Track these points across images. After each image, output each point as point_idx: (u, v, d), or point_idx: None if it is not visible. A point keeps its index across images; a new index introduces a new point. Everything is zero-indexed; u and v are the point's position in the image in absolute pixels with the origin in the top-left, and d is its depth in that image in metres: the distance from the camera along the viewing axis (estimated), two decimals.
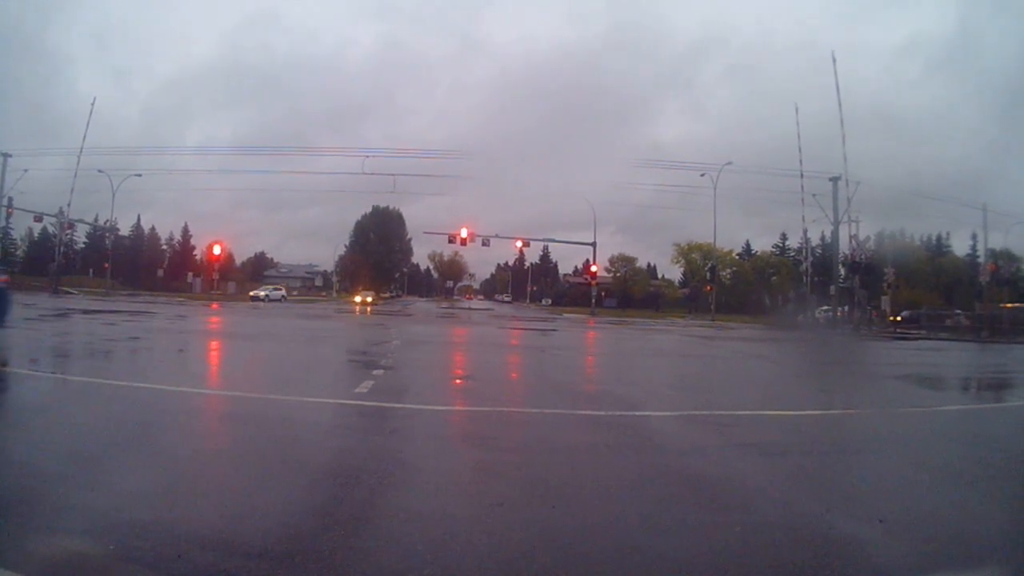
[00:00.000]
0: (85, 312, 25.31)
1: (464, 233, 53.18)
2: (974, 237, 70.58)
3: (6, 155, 48.46)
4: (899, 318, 46.60)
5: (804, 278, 48.37)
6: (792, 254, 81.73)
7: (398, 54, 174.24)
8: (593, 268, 60.14)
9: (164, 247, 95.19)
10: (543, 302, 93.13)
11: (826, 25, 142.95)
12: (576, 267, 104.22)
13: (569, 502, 4.12)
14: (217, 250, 62.41)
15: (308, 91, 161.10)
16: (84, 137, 51.78)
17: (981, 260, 60.67)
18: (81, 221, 61.51)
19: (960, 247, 78.11)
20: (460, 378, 10.90)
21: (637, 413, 7.58)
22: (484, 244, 55.56)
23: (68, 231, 60.73)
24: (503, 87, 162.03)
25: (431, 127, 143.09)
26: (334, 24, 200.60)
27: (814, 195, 44.28)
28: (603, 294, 70.83)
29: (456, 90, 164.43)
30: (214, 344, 16.05)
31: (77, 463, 4.56)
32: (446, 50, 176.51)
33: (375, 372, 9.91)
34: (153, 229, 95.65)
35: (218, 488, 4.20)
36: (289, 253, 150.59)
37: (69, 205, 52.75)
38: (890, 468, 5.58)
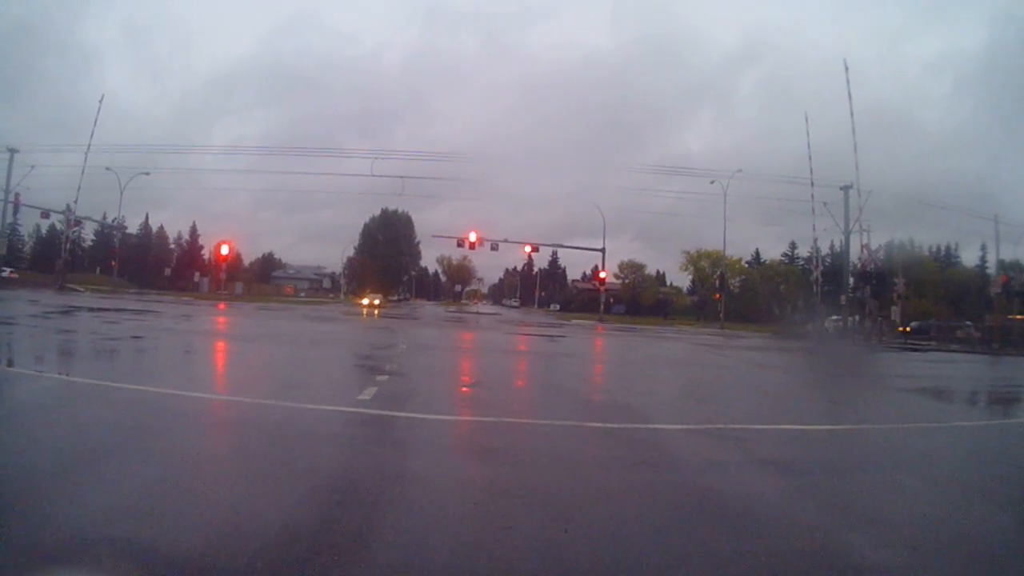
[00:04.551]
0: (88, 310, 25.15)
1: (473, 237, 52.95)
2: (983, 248, 70.16)
3: (13, 150, 48.34)
4: (908, 329, 46.13)
5: (814, 287, 47.84)
6: (801, 263, 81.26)
7: (430, 59, 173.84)
8: (602, 274, 59.77)
9: (172, 246, 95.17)
10: (551, 307, 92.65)
11: (859, 40, 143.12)
12: (585, 273, 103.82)
13: (582, 526, 3.84)
14: (225, 250, 62.37)
15: (338, 93, 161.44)
16: (92, 134, 51.78)
17: (991, 271, 60.19)
18: (88, 218, 61.57)
19: (968, 258, 77.45)
20: (467, 385, 10.62)
21: (650, 426, 7.31)
22: (493, 248, 55.33)
23: (75, 228, 60.78)
24: (529, 94, 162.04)
25: (457, 132, 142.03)
26: (369, 27, 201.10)
27: (825, 204, 43.96)
28: (611, 300, 70.55)
29: (485, 96, 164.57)
30: (216, 346, 15.87)
31: (56, 471, 4.34)
32: (479, 56, 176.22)
33: (379, 378, 9.65)
34: (162, 228, 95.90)
35: (203, 504, 3.92)
36: (300, 255, 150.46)
37: (76, 202, 52.76)
38: (917, 488, 5.38)
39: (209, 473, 4.60)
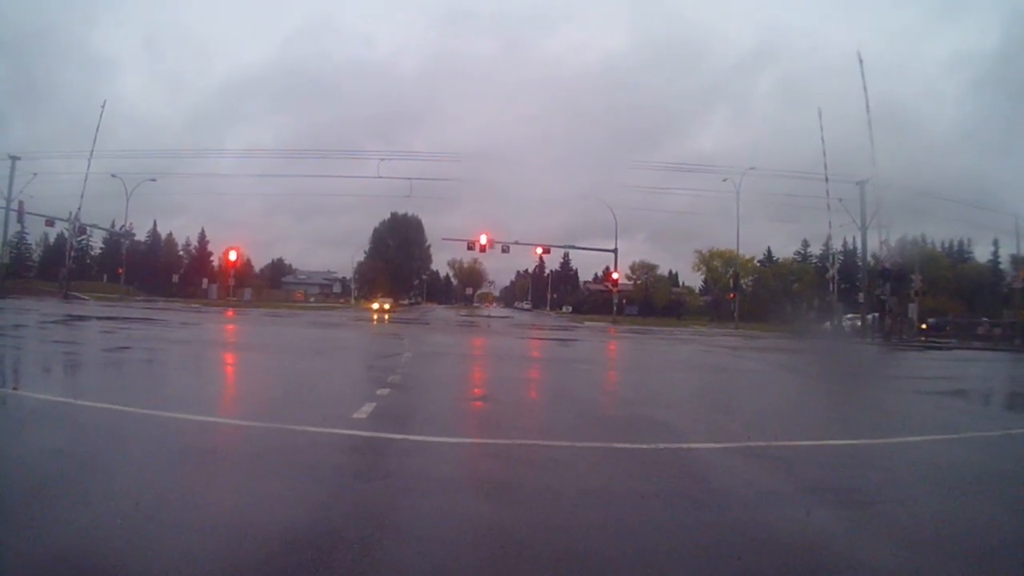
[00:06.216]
0: (87, 319, 24.50)
1: (484, 240, 52.14)
2: (995, 243, 69.26)
3: (14, 157, 47.79)
4: (924, 326, 45.01)
5: (831, 285, 46.78)
6: (814, 261, 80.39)
7: (446, 63, 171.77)
8: (614, 275, 58.88)
9: (181, 252, 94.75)
10: (563, 309, 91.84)
11: (873, 39, 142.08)
12: (597, 274, 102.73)
13: None
14: (233, 256, 61.82)
15: (354, 98, 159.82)
16: (95, 140, 51.53)
17: (1004, 267, 58.94)
18: (95, 226, 61.12)
19: (980, 254, 76.43)
20: (475, 399, 9.71)
21: (683, 446, 6.41)
22: (504, 251, 54.61)
23: (81, 236, 60.33)
24: (542, 96, 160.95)
25: (471, 134, 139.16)
26: (385, 33, 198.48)
27: (841, 200, 42.93)
28: (624, 301, 69.68)
29: (498, 98, 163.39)
30: (209, 355, 15.15)
31: None
32: (495, 60, 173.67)
33: (380, 391, 8.80)
34: (171, 234, 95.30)
35: (139, 558, 3.08)
36: (311, 260, 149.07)
37: (79, 209, 52.21)
38: (1008, 516, 4.64)
39: (153, 516, 3.68)
